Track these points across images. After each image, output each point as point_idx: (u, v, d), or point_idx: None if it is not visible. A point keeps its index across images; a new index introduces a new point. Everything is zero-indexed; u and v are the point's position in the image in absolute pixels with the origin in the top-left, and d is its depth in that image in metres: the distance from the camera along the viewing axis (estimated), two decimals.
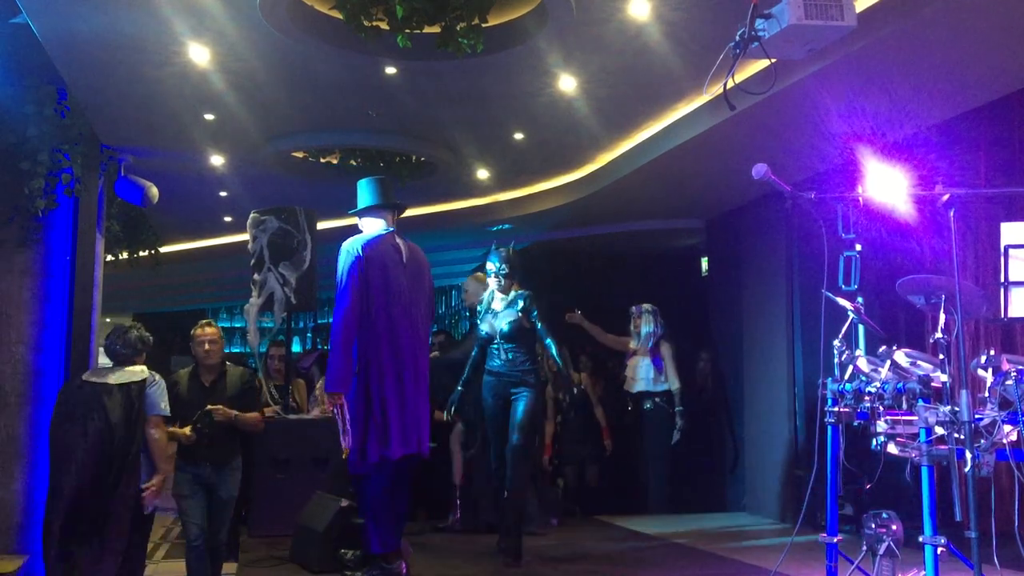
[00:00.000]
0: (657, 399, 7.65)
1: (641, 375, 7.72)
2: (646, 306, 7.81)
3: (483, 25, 4.90)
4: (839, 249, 3.89)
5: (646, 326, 7.73)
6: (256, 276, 6.35)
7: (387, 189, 4.85)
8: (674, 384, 7.66)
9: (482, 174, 8.24)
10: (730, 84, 3.80)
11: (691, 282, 9.75)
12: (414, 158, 7.93)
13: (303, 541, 5.21)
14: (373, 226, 4.78)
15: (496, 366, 5.52)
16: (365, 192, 4.83)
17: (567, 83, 5.91)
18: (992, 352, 3.55)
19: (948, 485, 3.29)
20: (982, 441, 3.30)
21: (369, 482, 4.52)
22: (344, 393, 4.41)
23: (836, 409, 3.77)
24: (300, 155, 8.04)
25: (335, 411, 4.43)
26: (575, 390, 6.41)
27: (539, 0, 4.96)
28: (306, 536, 5.19)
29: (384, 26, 4.95)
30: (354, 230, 4.90)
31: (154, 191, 7.27)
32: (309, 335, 17.28)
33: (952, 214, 3.46)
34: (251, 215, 6.49)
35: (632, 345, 7.87)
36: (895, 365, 3.64)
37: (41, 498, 6.26)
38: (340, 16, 4.88)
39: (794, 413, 7.26)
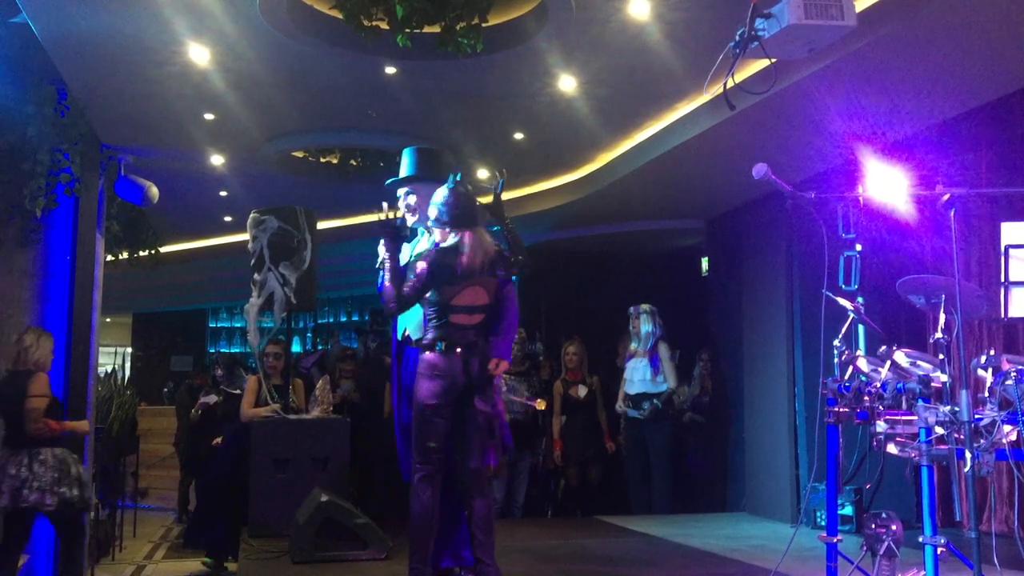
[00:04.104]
0: (656, 400, 7.67)
1: (639, 376, 7.73)
2: (644, 306, 7.81)
3: (483, 25, 4.90)
4: (839, 249, 3.89)
5: (645, 326, 7.74)
6: (256, 276, 6.35)
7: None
8: (671, 382, 7.69)
9: (482, 174, 8.24)
10: (730, 84, 3.81)
11: (691, 282, 9.75)
12: None
13: (293, 535, 5.26)
14: None
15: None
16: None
17: (567, 83, 5.91)
18: (992, 352, 3.55)
19: (948, 485, 3.29)
20: (982, 441, 3.30)
21: None
22: None
23: (836, 409, 3.77)
24: (300, 155, 8.04)
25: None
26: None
27: (539, 0, 4.96)
28: (294, 529, 5.26)
29: (384, 26, 4.95)
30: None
31: (154, 191, 7.28)
32: (309, 335, 17.25)
33: (952, 214, 3.46)
34: (251, 215, 6.48)
35: (632, 347, 7.88)
36: (895, 365, 3.64)
37: None
38: (340, 16, 4.88)
39: (794, 413, 7.25)
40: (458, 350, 4.09)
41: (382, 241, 4.21)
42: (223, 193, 8.98)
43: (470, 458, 4.12)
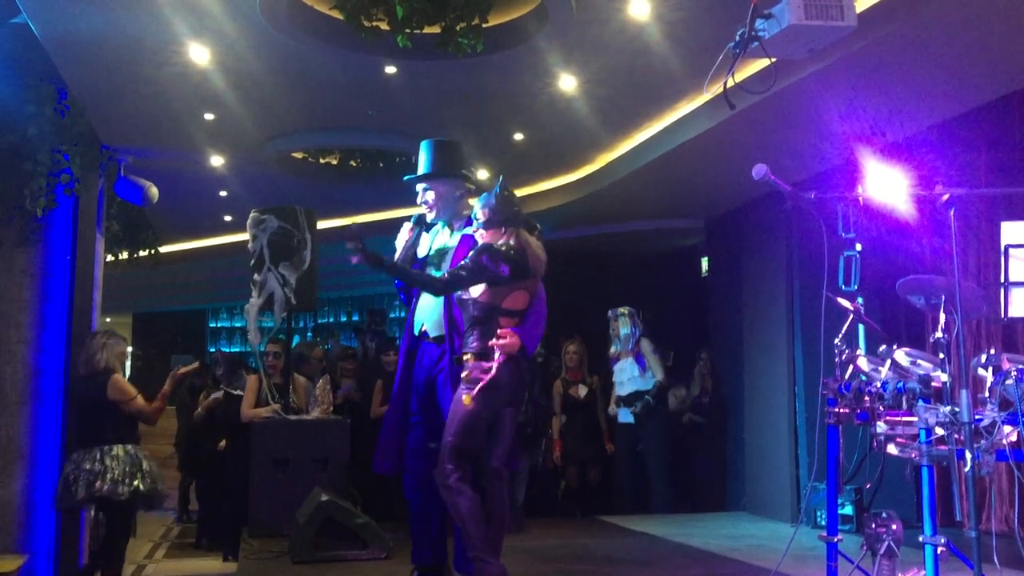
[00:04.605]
0: (648, 396, 7.68)
1: (627, 376, 7.77)
2: (622, 309, 7.85)
3: (483, 25, 4.91)
4: (839, 249, 3.88)
5: (624, 328, 7.78)
6: (256, 276, 6.34)
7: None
8: (659, 375, 7.71)
9: (482, 174, 8.24)
10: (730, 84, 3.80)
11: (691, 282, 9.75)
12: (414, 158, 7.92)
13: (293, 535, 5.26)
14: None
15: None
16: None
17: (567, 83, 5.91)
18: (992, 351, 3.55)
19: (948, 485, 3.29)
20: (982, 441, 3.30)
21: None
22: None
23: (836, 409, 3.77)
24: (300, 155, 8.04)
25: None
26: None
27: (539, 0, 4.96)
28: (294, 529, 5.26)
29: (384, 26, 4.96)
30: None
31: (154, 191, 7.28)
32: (309, 335, 17.24)
33: (952, 214, 3.46)
34: (251, 214, 6.47)
35: (613, 350, 7.91)
36: (895, 364, 3.64)
37: (41, 498, 6.27)
38: (340, 16, 4.89)
39: (794, 413, 7.26)
40: (501, 358, 3.95)
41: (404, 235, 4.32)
42: (223, 193, 8.98)
43: (493, 458, 4.07)
